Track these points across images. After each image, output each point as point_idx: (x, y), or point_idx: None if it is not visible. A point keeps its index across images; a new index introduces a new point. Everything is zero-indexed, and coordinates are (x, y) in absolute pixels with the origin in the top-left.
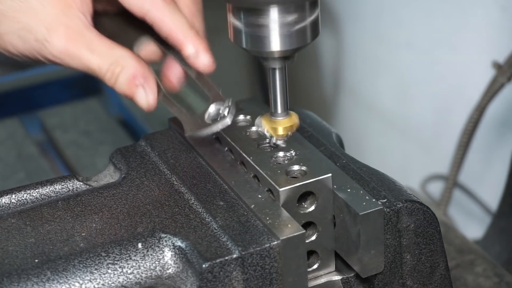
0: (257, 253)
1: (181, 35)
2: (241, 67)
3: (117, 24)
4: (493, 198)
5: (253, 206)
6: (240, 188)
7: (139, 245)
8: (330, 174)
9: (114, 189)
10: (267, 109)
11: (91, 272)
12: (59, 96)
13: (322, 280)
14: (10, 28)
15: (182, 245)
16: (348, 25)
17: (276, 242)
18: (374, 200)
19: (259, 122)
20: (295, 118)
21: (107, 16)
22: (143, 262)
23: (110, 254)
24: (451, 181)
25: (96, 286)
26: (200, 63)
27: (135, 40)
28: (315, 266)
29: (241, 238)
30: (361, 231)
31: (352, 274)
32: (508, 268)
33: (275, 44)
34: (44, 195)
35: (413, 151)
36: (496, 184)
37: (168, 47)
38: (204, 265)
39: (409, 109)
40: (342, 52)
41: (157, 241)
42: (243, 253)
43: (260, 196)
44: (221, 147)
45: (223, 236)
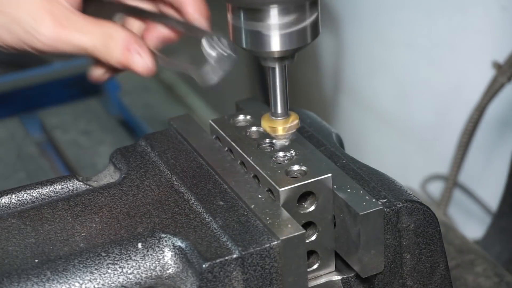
0: (257, 253)
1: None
2: (241, 67)
3: (94, 8)
4: (493, 198)
5: (253, 206)
6: (240, 188)
7: (139, 245)
8: (330, 174)
9: (114, 189)
10: (267, 109)
11: (91, 272)
12: (59, 96)
13: (322, 280)
14: None
15: (182, 245)
16: (348, 25)
17: (276, 242)
18: (374, 200)
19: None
20: (295, 118)
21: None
22: (143, 262)
23: (110, 254)
24: (451, 181)
25: (96, 286)
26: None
27: (113, 17)
28: (315, 266)
29: (241, 238)
30: (361, 231)
31: (352, 274)
32: (508, 268)
33: (275, 44)
34: (44, 195)
35: (413, 151)
36: (496, 184)
37: (144, 15)
38: (204, 265)
39: (409, 109)
40: (342, 52)
41: (157, 241)
42: (243, 253)
43: (260, 196)
44: (221, 147)
45: (223, 236)
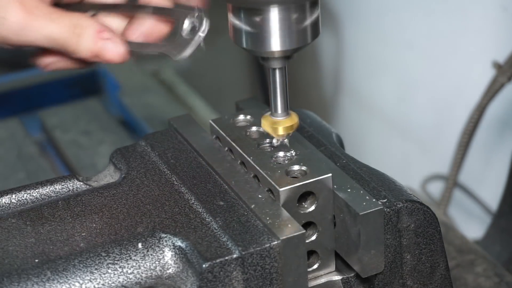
0: (257, 253)
1: None
2: (241, 67)
3: (64, 8)
4: (493, 198)
5: (253, 206)
6: (240, 188)
7: (139, 245)
8: (330, 174)
9: (114, 189)
10: (267, 109)
11: (91, 272)
12: (59, 96)
13: (322, 280)
14: None
15: (182, 245)
16: (348, 25)
17: (276, 242)
18: (374, 200)
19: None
20: (295, 118)
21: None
22: (143, 262)
23: (110, 254)
24: (451, 181)
25: (96, 286)
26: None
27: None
28: (315, 266)
29: (241, 238)
30: (361, 231)
31: (352, 274)
32: (508, 268)
33: (275, 44)
34: (44, 195)
35: (413, 151)
36: (496, 184)
37: (119, 9)
38: (204, 265)
39: (409, 109)
40: (342, 52)
41: (157, 241)
42: (243, 253)
43: (260, 196)
44: (221, 147)
45: (223, 236)
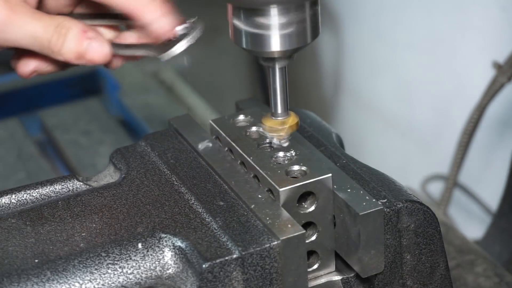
0: (257, 253)
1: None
2: (241, 67)
3: None
4: (493, 198)
5: (253, 206)
6: (240, 188)
7: (139, 245)
8: (330, 174)
9: (114, 189)
10: (267, 109)
11: (91, 272)
12: (59, 96)
13: (322, 280)
14: None
15: (182, 245)
16: (348, 25)
17: (276, 242)
18: (374, 200)
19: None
20: (295, 118)
21: None
22: (143, 262)
23: (110, 254)
24: (451, 181)
25: (96, 286)
26: (158, 29)
27: None
28: (315, 266)
29: (241, 238)
30: (361, 231)
31: (352, 274)
32: (508, 268)
33: (275, 44)
34: (44, 195)
35: (413, 151)
36: (496, 184)
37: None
38: (204, 265)
39: (409, 109)
40: (342, 52)
41: (157, 241)
42: (243, 253)
43: (260, 196)
44: (221, 147)
45: (223, 236)
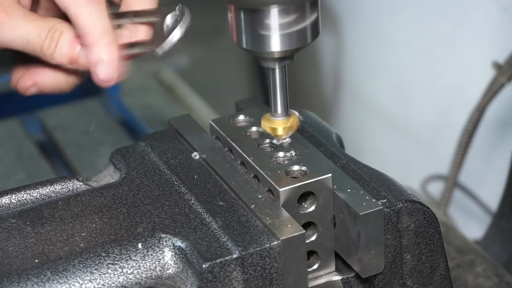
0: (257, 253)
1: (91, 37)
2: (241, 67)
3: None
4: (493, 198)
5: (253, 206)
6: (240, 188)
7: (139, 245)
8: (330, 174)
9: (114, 189)
10: (267, 109)
11: (91, 272)
12: (59, 96)
13: (322, 280)
14: None
15: (182, 245)
16: (348, 25)
17: (276, 242)
18: (374, 200)
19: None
20: (295, 118)
21: None
22: (143, 262)
23: (110, 254)
24: (451, 181)
25: (96, 286)
26: (97, 74)
27: None
28: (315, 266)
29: (241, 238)
30: (361, 231)
31: (352, 274)
32: (508, 268)
33: (275, 44)
34: (44, 195)
35: (413, 151)
36: (496, 184)
37: None
38: (204, 265)
39: (409, 109)
40: (342, 52)
41: (157, 241)
42: (243, 253)
43: (260, 196)
44: (221, 147)
45: (223, 236)
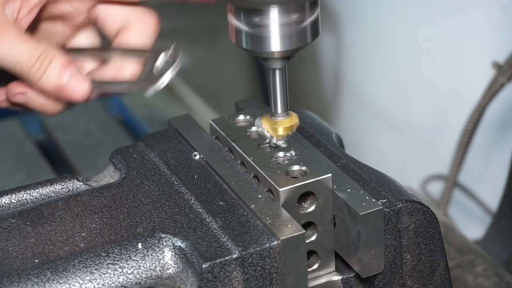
0: (257, 253)
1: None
2: (241, 67)
3: None
4: (493, 198)
5: (253, 206)
6: (240, 188)
7: (139, 245)
8: (330, 174)
9: (114, 189)
10: (267, 109)
11: (91, 272)
12: None
13: (322, 280)
14: None
15: (182, 245)
16: (348, 25)
17: (276, 242)
18: (374, 200)
19: (259, 123)
20: (295, 118)
21: None
22: (143, 262)
23: (110, 254)
24: (451, 181)
25: (96, 286)
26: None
27: None
28: (315, 266)
29: (241, 238)
30: (361, 231)
31: (352, 274)
32: (508, 268)
33: (275, 44)
34: (44, 195)
35: (413, 151)
36: (496, 184)
37: (86, 53)
38: (204, 265)
39: (409, 109)
40: (342, 52)
41: (157, 241)
42: (243, 253)
43: (260, 196)
44: (221, 147)
45: (223, 236)
